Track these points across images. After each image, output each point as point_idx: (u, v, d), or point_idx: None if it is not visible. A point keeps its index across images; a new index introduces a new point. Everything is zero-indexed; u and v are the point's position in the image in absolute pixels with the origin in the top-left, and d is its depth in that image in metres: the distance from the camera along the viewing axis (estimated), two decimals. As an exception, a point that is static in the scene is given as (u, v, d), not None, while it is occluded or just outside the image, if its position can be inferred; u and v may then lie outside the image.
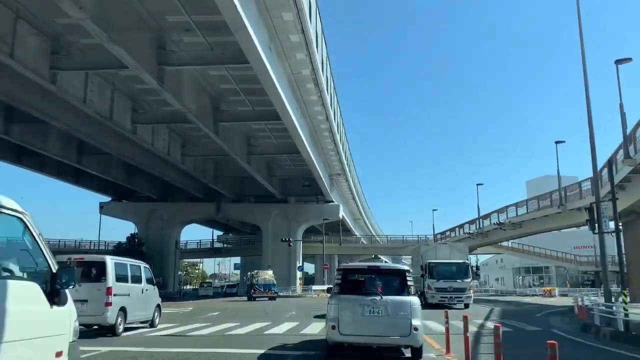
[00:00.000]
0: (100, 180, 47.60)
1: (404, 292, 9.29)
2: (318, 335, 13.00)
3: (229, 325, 16.18)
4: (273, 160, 45.16)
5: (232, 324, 16.58)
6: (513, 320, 18.94)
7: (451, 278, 26.19)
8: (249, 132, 37.13)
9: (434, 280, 26.35)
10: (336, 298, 9.29)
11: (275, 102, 25.42)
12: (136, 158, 37.88)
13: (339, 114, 40.24)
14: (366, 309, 8.97)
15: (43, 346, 4.09)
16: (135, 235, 53.43)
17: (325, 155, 42.17)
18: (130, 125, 30.31)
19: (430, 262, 27.17)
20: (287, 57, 23.76)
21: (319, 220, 52.06)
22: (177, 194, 53.69)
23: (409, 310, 8.96)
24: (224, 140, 32.23)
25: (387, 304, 8.97)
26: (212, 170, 45.64)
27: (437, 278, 26.33)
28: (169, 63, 22.14)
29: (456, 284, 26.10)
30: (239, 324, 16.51)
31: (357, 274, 9.98)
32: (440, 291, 25.99)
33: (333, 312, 9.13)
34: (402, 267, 10.31)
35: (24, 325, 3.85)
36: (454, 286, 26.01)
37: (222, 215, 55.17)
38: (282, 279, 50.50)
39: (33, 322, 4.00)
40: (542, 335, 13.48)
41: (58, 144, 35.42)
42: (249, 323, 16.74)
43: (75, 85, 24.33)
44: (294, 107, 28.26)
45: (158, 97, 27.78)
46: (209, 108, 29.34)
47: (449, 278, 26.17)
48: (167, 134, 35.60)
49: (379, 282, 9.44)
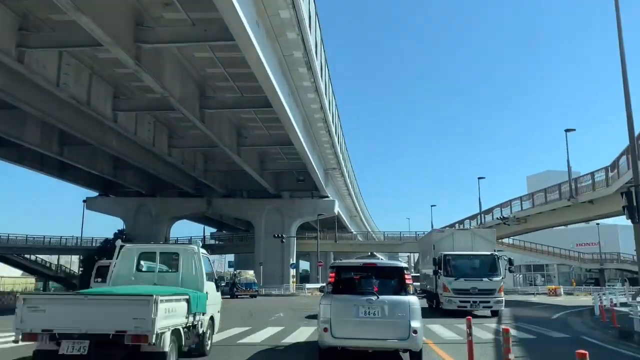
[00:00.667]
0: (86, 174, 45.72)
1: (402, 291, 8.74)
2: (305, 343, 11.33)
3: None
4: (265, 152, 43.31)
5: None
6: (531, 324, 16.78)
7: (475, 276, 19.99)
8: (238, 122, 35.26)
9: (450, 278, 19.93)
10: (329, 298, 8.72)
11: (264, 85, 23.56)
12: (121, 149, 35.96)
13: (334, 105, 38.43)
14: (361, 309, 8.45)
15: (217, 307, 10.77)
16: (122, 231, 51.49)
17: (320, 148, 40.39)
18: (111, 112, 28.40)
19: (445, 255, 20.62)
20: (277, 37, 21.91)
21: (313, 216, 50.26)
22: (167, 189, 51.91)
23: (407, 311, 8.40)
24: (212, 129, 30.33)
25: (384, 304, 8.44)
26: (202, 163, 43.79)
27: (456, 276, 19.98)
28: (147, 40, 20.24)
29: (482, 284, 19.65)
30: (213, 330, 14.51)
31: (352, 272, 9.46)
32: (460, 293, 19.71)
33: (325, 313, 8.56)
34: (400, 265, 9.56)
35: (216, 299, 10.61)
36: (479, 287, 19.61)
37: (213, 211, 53.35)
38: (275, 277, 48.76)
39: (216, 298, 10.69)
40: (572, 344, 11.55)
41: (37, 134, 33.44)
42: (226, 328, 14.58)
43: (47, 66, 22.41)
44: (285, 93, 26.40)
45: (140, 82, 25.93)
46: (195, 94, 27.45)
47: (472, 276, 19.98)
48: (152, 123, 33.70)
49: (375, 280, 8.92)
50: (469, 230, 26.54)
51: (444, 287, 20.07)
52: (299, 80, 26.84)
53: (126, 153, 36.54)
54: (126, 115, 29.96)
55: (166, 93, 23.62)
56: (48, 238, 60.50)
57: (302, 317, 18.71)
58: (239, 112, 32.92)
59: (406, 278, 8.89)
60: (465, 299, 19.56)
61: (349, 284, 9.04)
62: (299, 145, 33.38)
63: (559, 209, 32.51)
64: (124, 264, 9.50)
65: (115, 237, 50.85)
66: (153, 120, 33.74)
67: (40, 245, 59.87)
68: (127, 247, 9.79)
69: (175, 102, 24.96)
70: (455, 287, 19.80)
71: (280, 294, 45.18)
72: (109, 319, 6.63)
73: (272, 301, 34.09)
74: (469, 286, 19.70)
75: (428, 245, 23.79)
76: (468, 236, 22.41)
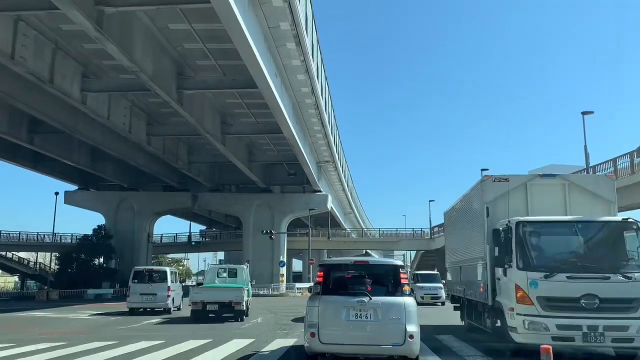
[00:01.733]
0: (62, 165, 42.89)
1: (397, 291, 8.22)
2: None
3: (144, 346, 11.16)
4: (253, 143, 40.64)
5: (152, 343, 11.53)
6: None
7: (589, 270, 9.08)
8: (223, 109, 32.58)
9: (537, 274, 9.12)
10: (316, 299, 8.17)
11: (248, 62, 20.75)
12: (95, 137, 33.24)
13: (327, 92, 35.81)
14: (352, 312, 7.95)
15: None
16: (103, 227, 48.68)
17: (312, 138, 37.77)
18: (79, 93, 25.68)
19: (525, 224, 9.66)
20: (260, 3, 19.30)
21: (305, 212, 47.61)
22: (150, 183, 49.24)
23: (403, 314, 7.90)
24: (192, 113, 27.61)
25: (377, 306, 7.96)
26: (186, 154, 41.07)
27: (549, 268, 9.16)
28: (109, 3, 17.58)
29: (607, 288, 8.91)
30: (163, 343, 11.60)
31: (342, 270, 8.76)
32: (558, 308, 8.96)
33: (312, 316, 8.05)
34: (395, 262, 9.01)
35: (250, 291, 21.26)
36: (602, 293, 8.86)
37: (199, 206, 50.62)
38: (264, 277, 46.12)
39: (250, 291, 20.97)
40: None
41: (4, 119, 30.69)
42: (178, 341, 11.76)
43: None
44: (272, 72, 23.70)
45: (112, 60, 23.28)
46: (171, 71, 24.72)
47: (584, 270, 9.10)
48: (129, 108, 30.96)
49: (368, 280, 8.29)
50: (558, 177, 11.40)
51: (519, 293, 9.32)
52: (287, 58, 24.15)
53: (101, 141, 33.80)
54: (97, 98, 27.25)
55: (135, 67, 20.90)
56: (24, 234, 57.69)
57: (282, 324, 16.20)
58: (222, 96, 30.29)
59: (402, 277, 8.33)
60: (572, 322, 8.94)
61: (339, 284, 8.39)
62: (288, 133, 30.73)
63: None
64: (211, 274, 20.51)
65: (94, 232, 48.25)
66: (129, 105, 31.02)
67: (15, 241, 57.06)
68: (212, 266, 25.81)
69: (147, 79, 22.23)
70: (546, 293, 9.14)
71: (268, 294, 42.45)
72: (225, 295, 17.71)
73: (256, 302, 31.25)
74: (579, 291, 9.00)
75: (471, 214, 12.81)
76: (558, 189, 11.08)
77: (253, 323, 17.16)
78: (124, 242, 47.98)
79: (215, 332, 13.97)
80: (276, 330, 14.50)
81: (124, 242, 47.98)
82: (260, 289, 43.09)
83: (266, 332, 14.05)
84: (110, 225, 48.79)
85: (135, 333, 14.03)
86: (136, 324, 17.18)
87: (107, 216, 49.41)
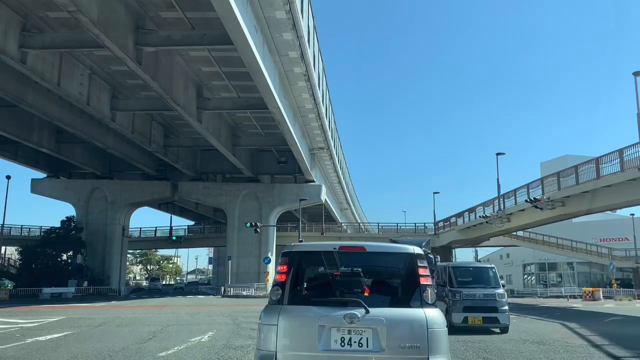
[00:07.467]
0: (25, 149, 38.40)
1: (412, 298, 4.58)
2: None
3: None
4: (236, 123, 36.08)
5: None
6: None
7: None
8: (199, 78, 28.06)
9: None
10: (275, 312, 4.62)
11: (218, 5, 16.30)
12: (52, 112, 28.74)
13: (321, 66, 31.28)
14: (335, 334, 4.45)
15: None
16: (72, 218, 44.00)
17: (304, 119, 33.21)
18: (17, 50, 21.15)
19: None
20: None
21: (296, 204, 43.10)
22: (126, 171, 44.80)
23: (424, 338, 4.36)
24: (156, 79, 23.05)
25: (380, 324, 4.41)
26: (161, 136, 36.52)
27: None
28: None
29: None
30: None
31: (320, 263, 5.17)
32: None
33: (267, 341, 4.56)
34: (409, 249, 4.84)
35: None
36: None
37: (179, 197, 45.95)
38: (251, 275, 41.75)
39: None
40: None
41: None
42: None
43: None
44: (250, 24, 19.10)
45: (59, 12, 18.91)
46: (126, 23, 20.12)
47: None
48: (87, 76, 26.41)
49: (364, 279, 4.90)
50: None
51: None
52: (269, 9, 19.65)
53: (58, 117, 29.24)
54: (43, 58, 22.73)
55: (72, 6, 16.34)
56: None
57: (234, 346, 10.39)
58: (196, 63, 25.87)
59: (421, 274, 4.61)
60: None
61: (315, 287, 5.03)
62: (273, 106, 26.13)
63: (617, 184, 23.13)
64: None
65: (62, 225, 43.65)
66: (88, 72, 26.48)
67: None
68: None
69: (92, 25, 17.65)
70: None
71: (251, 294, 37.79)
72: None
73: (229, 305, 26.65)
74: None
75: None
76: None
77: (191, 344, 10.74)
78: (96, 236, 43.47)
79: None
80: (221, 351, 9.53)
81: (96, 236, 43.47)
82: (243, 289, 38.56)
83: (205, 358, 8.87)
84: (80, 216, 44.17)
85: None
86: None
87: (77, 207, 44.72)
